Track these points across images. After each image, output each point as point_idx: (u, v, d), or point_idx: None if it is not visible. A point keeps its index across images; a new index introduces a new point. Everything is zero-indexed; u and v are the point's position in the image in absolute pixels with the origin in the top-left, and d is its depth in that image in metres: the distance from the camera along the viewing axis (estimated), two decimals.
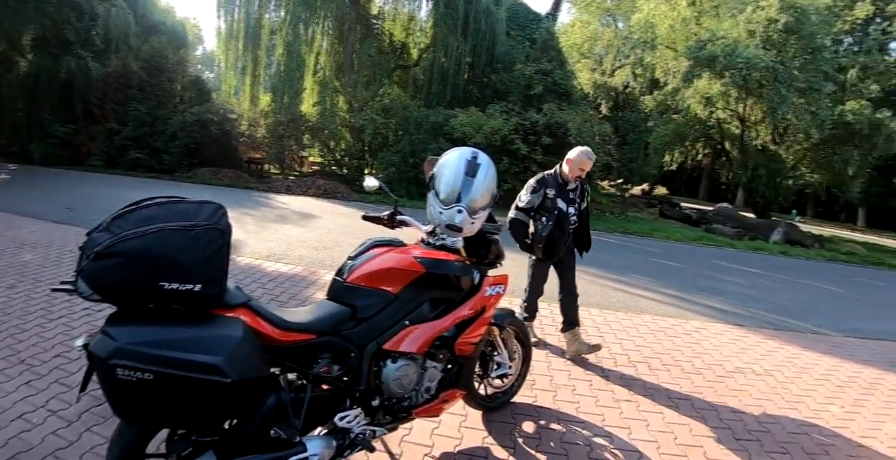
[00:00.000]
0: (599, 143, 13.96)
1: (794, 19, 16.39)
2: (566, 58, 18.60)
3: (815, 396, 3.74)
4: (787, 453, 2.85)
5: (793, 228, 16.23)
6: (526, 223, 3.73)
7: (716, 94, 18.20)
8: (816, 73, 16.71)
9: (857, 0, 25.64)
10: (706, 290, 6.96)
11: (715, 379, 3.74)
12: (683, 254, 10.42)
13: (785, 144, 18.98)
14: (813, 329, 5.71)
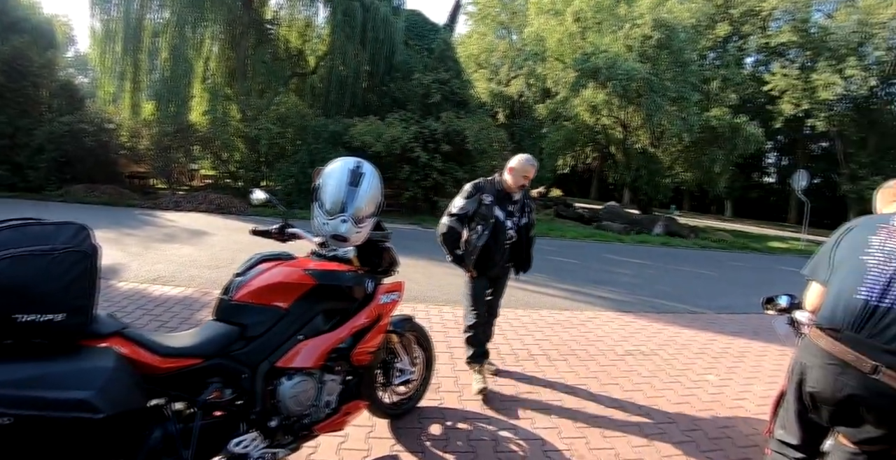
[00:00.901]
0: (497, 150, 14.55)
1: (665, 36, 18.19)
2: (464, 67, 19.15)
3: (695, 369, 4.15)
4: (674, 422, 3.15)
5: (672, 221, 17.96)
6: (459, 231, 3.34)
7: (600, 102, 19.72)
8: (685, 84, 18.67)
9: (717, 21, 28.95)
10: (598, 282, 7.46)
11: (608, 364, 4.02)
12: (577, 250, 11.06)
13: (662, 147, 20.93)
14: (690, 309, 6.35)
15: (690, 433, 3.04)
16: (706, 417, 3.28)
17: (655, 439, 2.92)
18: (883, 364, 1.56)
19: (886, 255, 1.69)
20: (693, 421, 3.19)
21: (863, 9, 28.08)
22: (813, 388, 1.75)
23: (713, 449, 2.88)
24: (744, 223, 29.61)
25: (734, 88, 22.53)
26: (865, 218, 1.91)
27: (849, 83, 27.83)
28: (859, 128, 31.81)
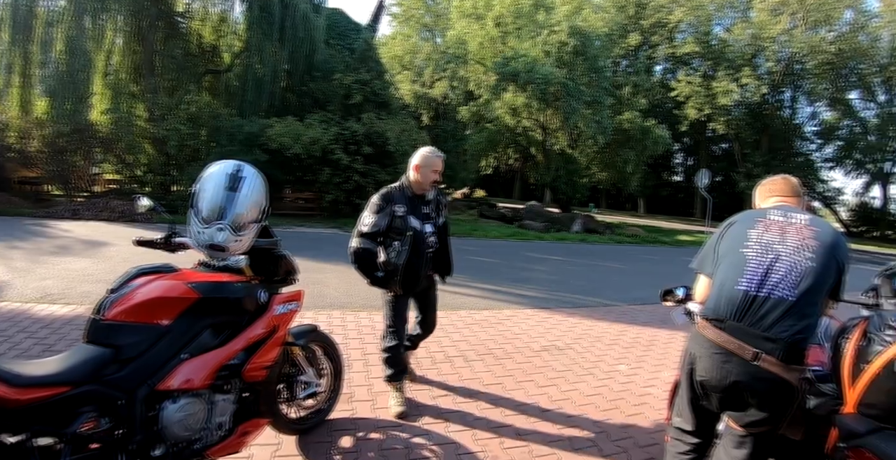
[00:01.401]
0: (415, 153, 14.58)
1: (580, 43, 19.02)
2: (386, 68, 19.02)
3: (607, 360, 4.33)
4: (585, 414, 3.23)
5: (589, 219, 18.81)
6: (374, 252, 2.94)
7: (520, 105, 20.33)
8: (599, 89, 19.62)
9: (629, 31, 30.68)
10: (518, 281, 7.63)
11: (524, 361, 4.09)
12: (499, 249, 11.27)
13: (579, 148, 21.91)
14: (605, 302, 6.64)
15: (602, 423, 3.14)
16: (614, 408, 3.39)
17: (568, 432, 2.99)
18: (762, 350, 1.67)
19: (763, 247, 1.81)
20: (604, 412, 3.30)
21: (756, 24, 30.85)
22: (702, 377, 1.84)
23: (624, 438, 2.99)
24: (655, 219, 31.72)
25: (644, 94, 24.03)
26: (745, 213, 2.02)
27: (744, 91, 30.43)
28: (753, 131, 34.79)
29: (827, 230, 1.83)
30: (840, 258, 1.78)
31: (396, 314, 3.08)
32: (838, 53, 32.43)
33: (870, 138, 37.23)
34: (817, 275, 1.72)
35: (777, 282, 1.73)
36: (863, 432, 1.53)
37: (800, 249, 1.77)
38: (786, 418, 1.74)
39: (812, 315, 1.72)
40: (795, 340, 1.67)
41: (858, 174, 40.18)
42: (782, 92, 36.76)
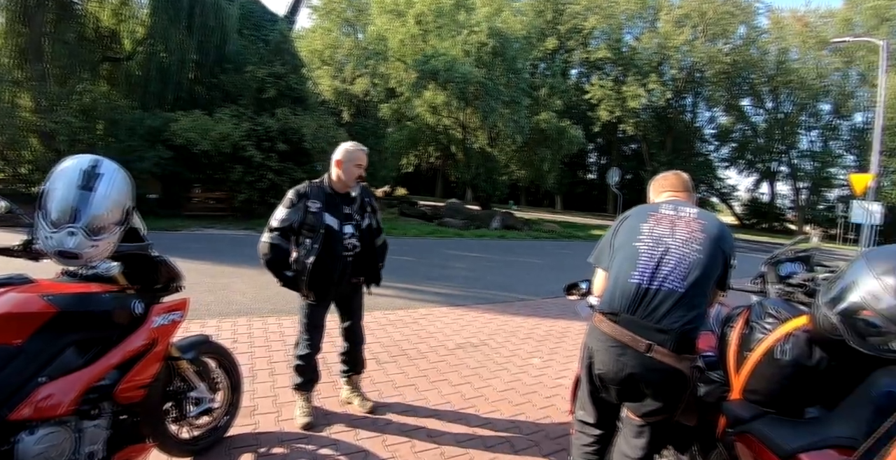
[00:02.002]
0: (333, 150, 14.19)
1: (500, 45, 19.36)
2: (305, 62, 18.39)
3: (521, 354, 4.40)
4: (498, 410, 3.25)
5: (509, 216, 19.31)
6: (284, 248, 2.77)
7: (440, 103, 20.43)
8: (517, 90, 20.09)
9: (547, 35, 31.75)
10: (435, 278, 7.64)
11: (438, 360, 4.06)
12: (418, 247, 11.25)
13: (498, 147, 22.37)
14: (520, 297, 6.79)
15: (515, 419, 3.17)
16: (527, 402, 3.44)
17: (481, 430, 2.98)
18: (655, 342, 1.72)
19: (654, 241, 1.85)
20: (517, 407, 3.33)
21: (662, 34, 33.09)
22: (600, 370, 1.87)
23: (536, 431, 3.03)
24: (571, 215, 33.15)
25: (560, 96, 24.86)
26: (638, 207, 2.07)
27: (651, 95, 32.46)
28: (659, 133, 37.28)
29: (713, 223, 1.90)
30: (726, 249, 1.86)
31: (310, 321, 2.90)
32: (733, 64, 35.66)
33: (759, 141, 41.26)
34: (705, 266, 1.78)
35: (667, 274, 1.77)
36: (747, 418, 1.59)
37: (688, 242, 1.82)
38: (680, 406, 1.80)
39: (700, 305, 1.79)
40: (685, 330, 1.73)
41: (750, 172, 44.51)
42: (685, 97, 39.71)
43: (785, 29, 38.23)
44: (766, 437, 1.49)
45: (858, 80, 37.83)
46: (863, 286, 1.38)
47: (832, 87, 38.63)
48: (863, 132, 37.28)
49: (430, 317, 5.35)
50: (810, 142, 41.82)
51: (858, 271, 1.43)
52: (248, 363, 3.60)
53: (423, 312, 5.54)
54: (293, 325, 4.52)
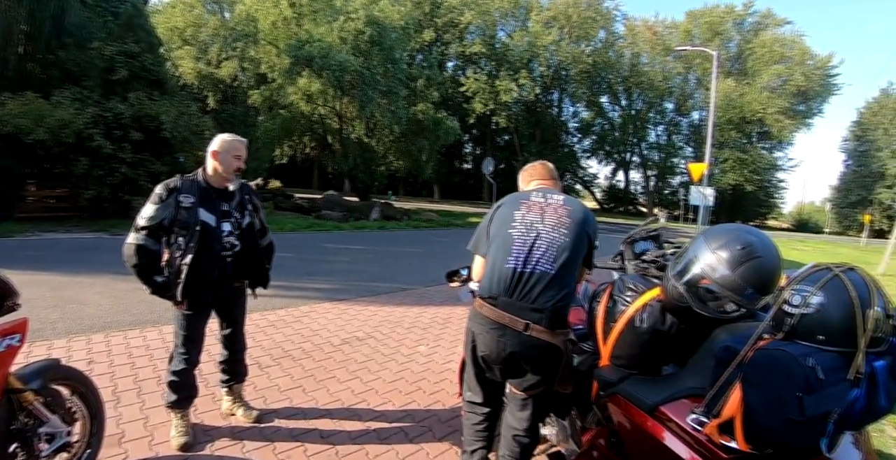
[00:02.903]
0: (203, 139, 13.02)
1: (377, 33, 19.05)
2: (162, 40, 16.57)
3: (408, 343, 4.45)
4: (389, 402, 3.27)
5: (388, 206, 19.36)
6: (153, 250, 2.45)
7: (316, 91, 19.71)
8: (395, 80, 19.97)
9: (425, 26, 32.00)
10: (315, 274, 7.42)
11: (324, 357, 3.97)
12: (296, 242, 10.79)
13: (376, 137, 22.22)
14: (403, 287, 6.85)
15: (407, 408, 3.21)
16: (417, 389, 3.49)
17: (375, 424, 2.97)
18: (531, 321, 1.85)
19: (527, 227, 1.98)
20: (408, 396, 3.37)
21: (532, 33, 35.13)
22: (483, 352, 1.98)
23: (429, 417, 3.10)
24: (449, 203, 34.19)
25: (437, 87, 25.24)
26: (511, 195, 2.18)
27: (522, 90, 34.35)
28: (529, 125, 39.66)
29: (578, 208, 2.06)
30: (590, 232, 2.03)
31: (189, 333, 2.61)
32: (594, 64, 39.14)
33: (615, 134, 46.01)
34: (572, 248, 1.94)
35: (539, 257, 1.91)
36: (615, 381, 1.77)
37: (557, 227, 1.97)
38: (558, 377, 1.96)
39: (570, 284, 1.95)
40: (557, 308, 1.89)
41: (608, 162, 49.66)
42: (552, 93, 42.58)
43: (637, 36, 42.76)
44: (631, 396, 1.67)
45: (696, 83, 43.57)
46: (702, 259, 1.59)
47: (675, 88, 44.21)
48: (698, 128, 43.00)
49: (313, 315, 5.20)
50: (657, 136, 47.82)
51: (698, 247, 1.64)
52: (110, 385, 3.19)
53: (304, 310, 5.36)
54: (160, 337, 4.15)
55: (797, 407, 1.20)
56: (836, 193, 54.08)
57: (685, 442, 1.44)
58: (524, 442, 2.05)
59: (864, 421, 1.34)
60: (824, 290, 1.33)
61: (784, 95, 40.71)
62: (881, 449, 3.39)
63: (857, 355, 1.26)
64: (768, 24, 43.60)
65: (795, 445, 1.27)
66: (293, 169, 33.00)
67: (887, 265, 16.55)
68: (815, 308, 1.32)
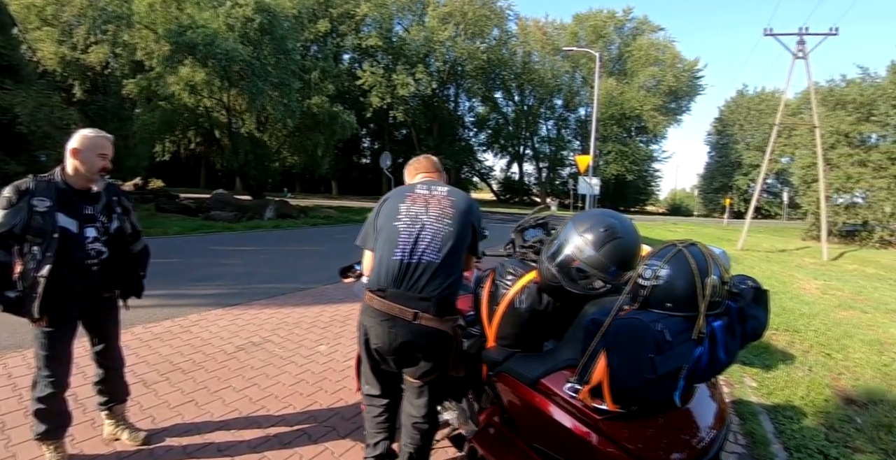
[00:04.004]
0: (66, 134, 11.70)
1: (268, 22, 18.13)
2: (15, 20, 14.58)
3: (307, 344, 4.41)
4: (290, 405, 3.23)
5: (284, 204, 18.69)
6: (3, 261, 2.19)
7: (200, 82, 18.42)
8: (287, 71, 19.18)
9: (319, 17, 30.96)
10: (204, 279, 7.01)
11: (218, 367, 3.82)
12: (181, 247, 10.07)
13: (268, 132, 21.29)
14: (301, 286, 6.71)
15: (308, 410, 3.18)
16: (319, 389, 3.48)
17: (276, 430, 2.93)
18: (420, 310, 1.95)
19: (411, 219, 2.05)
20: (309, 398, 3.35)
21: (428, 28, 35.40)
22: (376, 344, 2.05)
23: (332, 416, 3.10)
24: (348, 199, 33.74)
25: (332, 80, 24.55)
26: (397, 189, 2.23)
27: (419, 84, 34.53)
28: (426, 120, 40.06)
29: (461, 199, 2.15)
30: (473, 221, 2.13)
31: (52, 353, 2.33)
32: (488, 61, 40.40)
33: (509, 128, 47.89)
34: (456, 237, 2.03)
35: (424, 248, 1.98)
36: (501, 360, 1.88)
37: (441, 217, 2.05)
38: (450, 362, 2.07)
39: (456, 272, 2.04)
40: (444, 295, 1.97)
41: (503, 155, 51.76)
42: (448, 88, 43.34)
43: (529, 35, 44.87)
44: (515, 372, 1.79)
45: (581, 81, 46.56)
46: (571, 242, 1.75)
47: (563, 86, 46.98)
48: (585, 122, 46.05)
49: (204, 323, 4.95)
50: (548, 130, 50.73)
51: (568, 231, 1.79)
52: None
53: (194, 319, 5.07)
54: (24, 362, 3.71)
55: (650, 366, 1.35)
56: (702, 181, 61.82)
57: (565, 410, 1.59)
58: (423, 428, 2.14)
59: (709, 374, 1.54)
60: (670, 264, 1.52)
61: (658, 94, 45.01)
62: (742, 397, 3.93)
63: (699, 318, 1.45)
64: (644, 30, 47.79)
65: (654, 400, 1.43)
66: (177, 167, 30.45)
67: (745, 241, 18.95)
68: (664, 280, 1.51)
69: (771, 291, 5.99)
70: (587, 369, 1.48)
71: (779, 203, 47.45)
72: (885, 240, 24.28)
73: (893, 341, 6.28)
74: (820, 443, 3.22)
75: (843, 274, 13.56)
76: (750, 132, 50.79)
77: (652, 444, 1.46)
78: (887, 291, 10.59)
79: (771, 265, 14.05)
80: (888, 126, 23.90)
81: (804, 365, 4.88)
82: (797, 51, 18.89)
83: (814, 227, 22.60)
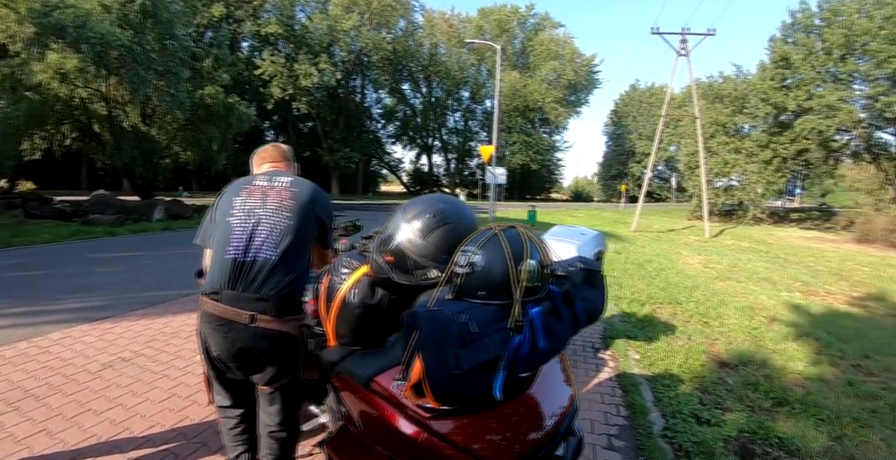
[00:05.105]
0: None
1: (151, 3, 16.58)
2: None
3: (184, 354, 4.15)
4: (158, 424, 2.99)
5: (177, 204, 17.37)
6: None
7: (72, 69, 16.54)
8: (175, 59, 17.68)
9: (214, 0, 28.92)
10: (73, 292, 6.26)
11: (78, 389, 3.45)
12: (52, 257, 8.86)
13: (157, 125, 19.58)
14: (184, 292, 6.26)
15: (178, 426, 2.98)
16: (195, 401, 3.27)
17: (137, 452, 2.69)
18: (257, 311, 1.80)
19: (246, 213, 1.90)
20: (180, 413, 3.13)
21: (332, 17, 34.29)
22: (216, 352, 1.89)
23: (204, 430, 2.92)
24: None
25: (227, 69, 22.98)
26: (235, 181, 2.06)
27: (323, 75, 33.44)
28: (332, 112, 39.05)
29: (305, 189, 2.00)
30: (319, 212, 2.00)
31: None
32: (395, 52, 40.00)
33: (418, 120, 47.85)
34: (297, 231, 1.89)
35: (260, 244, 1.84)
36: (337, 360, 1.77)
37: (279, 210, 1.90)
38: (299, 365, 1.94)
39: (299, 268, 1.90)
40: (284, 294, 1.83)
41: (412, 147, 51.64)
42: (354, 79, 42.44)
43: (436, 27, 45.06)
44: (350, 371, 1.69)
45: (487, 74, 47.51)
46: (400, 231, 1.65)
47: (470, 78, 47.81)
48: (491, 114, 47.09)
49: (67, 341, 4.43)
50: (455, 122, 51.32)
51: (396, 220, 1.69)
52: None
53: (55, 338, 4.53)
54: None
55: (454, 362, 1.27)
56: (601, 169, 66.84)
57: (397, 408, 1.51)
58: (281, 437, 2.02)
59: (534, 363, 1.48)
60: (484, 249, 1.44)
61: (559, 87, 47.13)
62: (626, 370, 4.15)
63: (513, 306, 1.39)
64: (546, 26, 49.76)
65: (467, 396, 1.35)
66: (51, 166, 26.70)
67: (638, 223, 20.40)
68: (478, 266, 1.43)
69: (659, 266, 6.55)
70: (409, 366, 1.39)
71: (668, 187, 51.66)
72: (757, 218, 27.44)
73: (762, 307, 6.99)
74: (694, 407, 3.46)
75: (722, 249, 14.94)
76: (642, 123, 54.76)
77: (489, 439, 1.42)
78: (759, 262, 11.80)
79: (661, 244, 15.18)
80: (757, 117, 26.82)
81: (684, 335, 5.28)
82: (680, 49, 20.49)
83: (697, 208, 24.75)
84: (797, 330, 5.79)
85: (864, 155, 24.71)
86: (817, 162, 26.75)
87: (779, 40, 26.22)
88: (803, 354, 4.95)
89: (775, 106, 24.92)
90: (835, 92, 22.50)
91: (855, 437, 3.25)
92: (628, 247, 12.91)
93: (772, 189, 27.31)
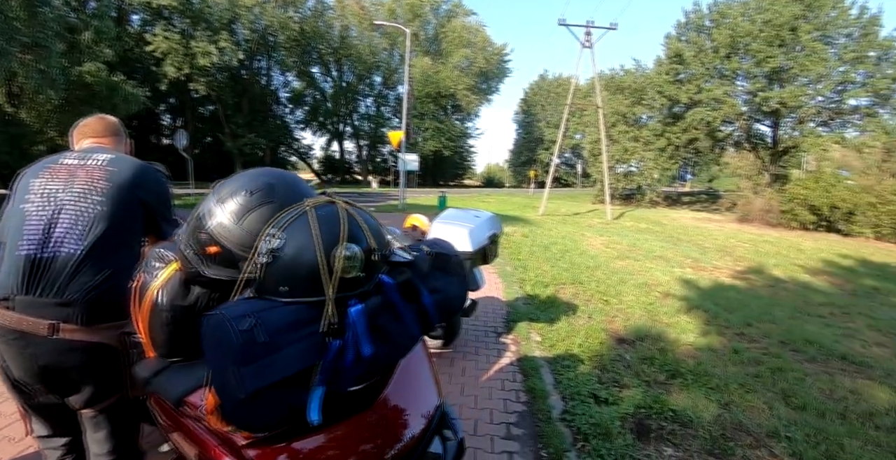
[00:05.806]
0: None
1: None
2: None
3: None
4: None
5: None
6: None
7: None
8: (46, 30, 15.65)
9: None
10: None
11: None
12: None
13: (26, 106, 17.38)
14: None
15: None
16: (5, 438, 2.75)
17: None
18: (59, 320, 1.46)
19: (45, 199, 1.54)
20: None
21: None
22: (16, 373, 1.52)
23: None
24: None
25: (109, 43, 20.80)
26: (39, 161, 1.69)
27: (223, 54, 31.25)
28: (235, 94, 36.69)
29: (126, 167, 1.66)
30: (142, 195, 1.66)
31: None
32: (303, 33, 38.24)
33: (328, 105, 46.25)
34: (110, 218, 1.56)
35: (62, 236, 1.50)
36: (148, 376, 1.40)
37: (87, 194, 1.56)
38: (125, 381, 1.60)
39: (115, 264, 1.56)
40: (93, 297, 1.50)
41: (322, 133, 49.97)
42: (259, 60, 40.11)
43: (346, 9, 43.61)
44: (164, 391, 1.36)
45: (399, 59, 46.80)
46: (211, 216, 1.26)
47: (382, 63, 46.95)
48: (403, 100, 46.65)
49: None
50: (367, 108, 50.27)
51: (206, 201, 1.29)
52: None
53: None
54: None
55: (236, 382, 0.97)
56: (512, 155, 69.04)
57: (211, 434, 1.21)
58: None
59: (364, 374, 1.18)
60: (287, 232, 1.11)
61: (470, 75, 47.57)
62: (527, 353, 4.12)
63: (326, 303, 1.08)
64: (458, 13, 49.81)
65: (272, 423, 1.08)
66: None
67: (546, 207, 21.14)
68: (281, 254, 1.09)
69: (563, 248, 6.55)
70: (208, 386, 1.09)
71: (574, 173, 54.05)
72: (654, 201, 29.62)
73: (657, 283, 7.36)
74: (592, 387, 3.48)
75: (622, 230, 15.77)
76: (550, 112, 56.72)
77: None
78: (655, 242, 12.55)
79: (566, 226, 15.77)
80: (654, 109, 28.80)
81: (585, 314, 5.40)
82: (585, 41, 21.26)
83: (601, 193, 25.99)
84: (688, 303, 6.14)
85: (744, 144, 27.38)
86: (705, 150, 29.45)
87: (674, 38, 28.26)
88: (694, 326, 5.23)
89: (669, 98, 27.02)
90: (721, 87, 24.87)
91: (741, 403, 3.42)
92: (535, 230, 13.24)
93: (666, 175, 29.66)
